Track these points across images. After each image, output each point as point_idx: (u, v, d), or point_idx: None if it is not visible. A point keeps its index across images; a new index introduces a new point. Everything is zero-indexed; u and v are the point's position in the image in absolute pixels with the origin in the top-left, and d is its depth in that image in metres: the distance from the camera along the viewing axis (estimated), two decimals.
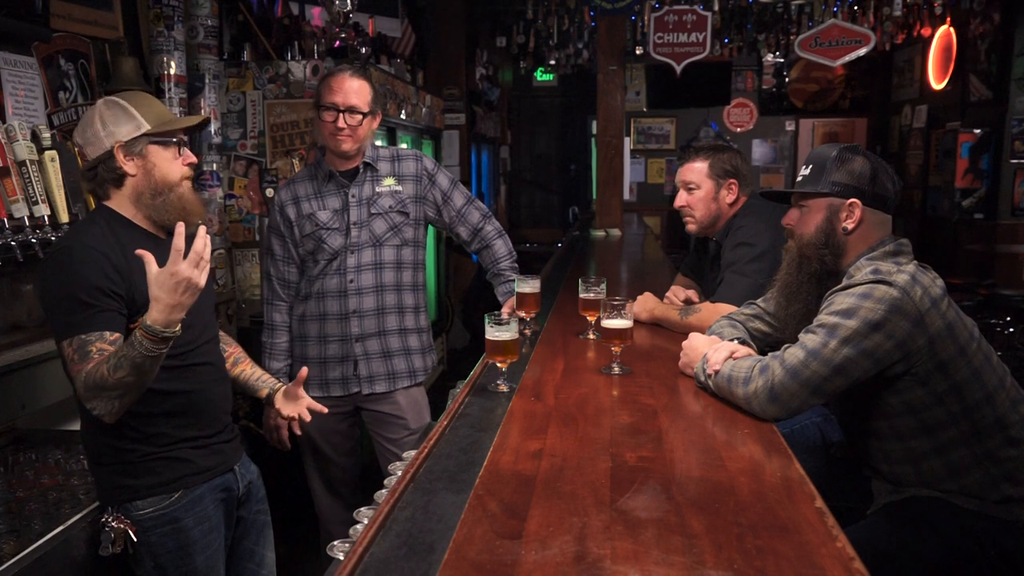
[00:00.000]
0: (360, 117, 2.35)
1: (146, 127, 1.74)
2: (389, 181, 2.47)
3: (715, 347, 1.80)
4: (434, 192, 2.51)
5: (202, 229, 1.59)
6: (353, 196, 2.43)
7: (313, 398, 2.50)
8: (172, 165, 1.78)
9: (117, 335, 1.65)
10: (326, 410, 2.16)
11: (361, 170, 2.45)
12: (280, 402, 2.09)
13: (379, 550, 1.10)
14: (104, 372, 1.56)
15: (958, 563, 1.67)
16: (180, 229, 1.54)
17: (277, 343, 2.52)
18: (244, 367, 2.13)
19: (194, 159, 1.84)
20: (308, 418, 2.10)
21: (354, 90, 2.34)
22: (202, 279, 1.54)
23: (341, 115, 2.32)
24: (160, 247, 1.79)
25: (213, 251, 3.32)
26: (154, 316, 1.53)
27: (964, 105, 6.51)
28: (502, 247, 2.58)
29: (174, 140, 1.79)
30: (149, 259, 1.55)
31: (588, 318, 2.21)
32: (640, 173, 9.55)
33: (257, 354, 2.62)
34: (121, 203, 1.78)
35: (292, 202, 2.46)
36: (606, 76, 5.50)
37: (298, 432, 2.50)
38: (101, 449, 1.75)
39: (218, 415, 1.89)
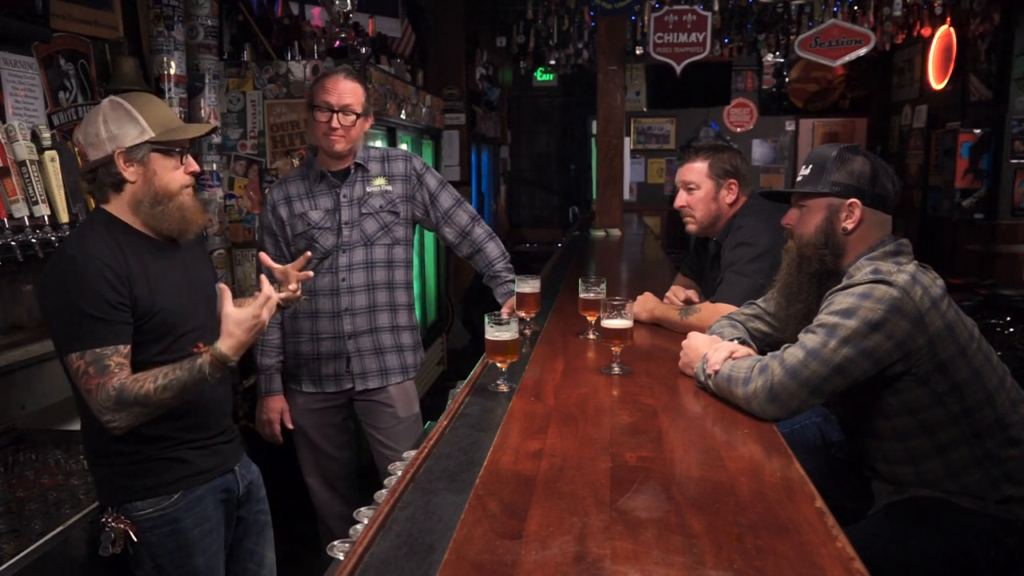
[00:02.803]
0: (354, 117, 2.37)
1: (150, 134, 1.69)
2: (379, 181, 2.49)
3: (715, 347, 1.80)
4: (422, 192, 2.53)
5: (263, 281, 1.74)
6: (344, 196, 2.45)
7: (307, 394, 2.53)
8: (173, 175, 1.74)
9: (129, 347, 1.65)
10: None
11: (352, 171, 2.46)
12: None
13: (379, 550, 1.10)
14: (150, 389, 1.60)
15: (959, 563, 1.66)
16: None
17: (269, 339, 2.53)
18: None
19: (196, 167, 1.79)
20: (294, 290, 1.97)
21: (348, 90, 2.36)
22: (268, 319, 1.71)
23: (335, 115, 2.34)
24: (159, 253, 1.79)
25: (212, 251, 3.36)
26: (226, 348, 1.64)
27: (964, 105, 6.51)
28: (495, 249, 2.59)
29: (177, 149, 1.74)
30: (226, 295, 1.66)
31: (588, 318, 2.21)
32: (640, 173, 9.55)
33: (250, 350, 2.62)
34: (120, 208, 1.75)
35: (284, 202, 2.48)
36: (606, 76, 5.49)
37: (290, 426, 2.53)
38: (101, 449, 1.75)
39: (218, 416, 1.89)
